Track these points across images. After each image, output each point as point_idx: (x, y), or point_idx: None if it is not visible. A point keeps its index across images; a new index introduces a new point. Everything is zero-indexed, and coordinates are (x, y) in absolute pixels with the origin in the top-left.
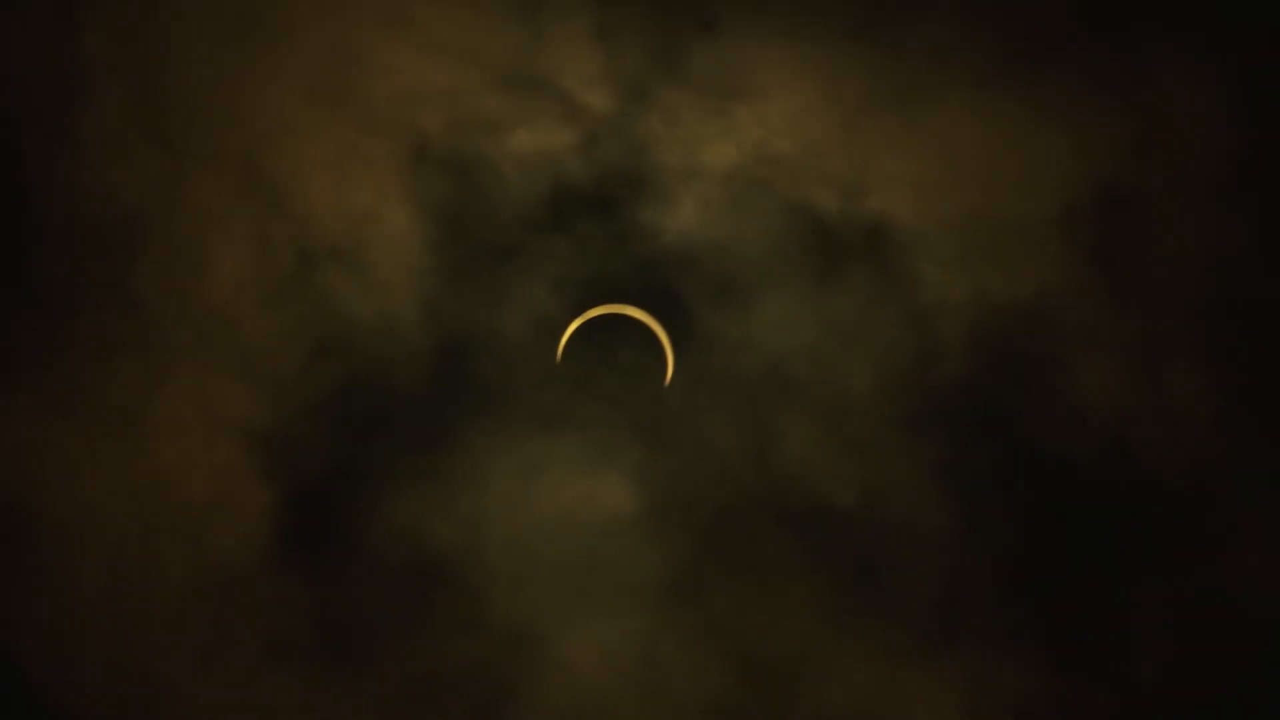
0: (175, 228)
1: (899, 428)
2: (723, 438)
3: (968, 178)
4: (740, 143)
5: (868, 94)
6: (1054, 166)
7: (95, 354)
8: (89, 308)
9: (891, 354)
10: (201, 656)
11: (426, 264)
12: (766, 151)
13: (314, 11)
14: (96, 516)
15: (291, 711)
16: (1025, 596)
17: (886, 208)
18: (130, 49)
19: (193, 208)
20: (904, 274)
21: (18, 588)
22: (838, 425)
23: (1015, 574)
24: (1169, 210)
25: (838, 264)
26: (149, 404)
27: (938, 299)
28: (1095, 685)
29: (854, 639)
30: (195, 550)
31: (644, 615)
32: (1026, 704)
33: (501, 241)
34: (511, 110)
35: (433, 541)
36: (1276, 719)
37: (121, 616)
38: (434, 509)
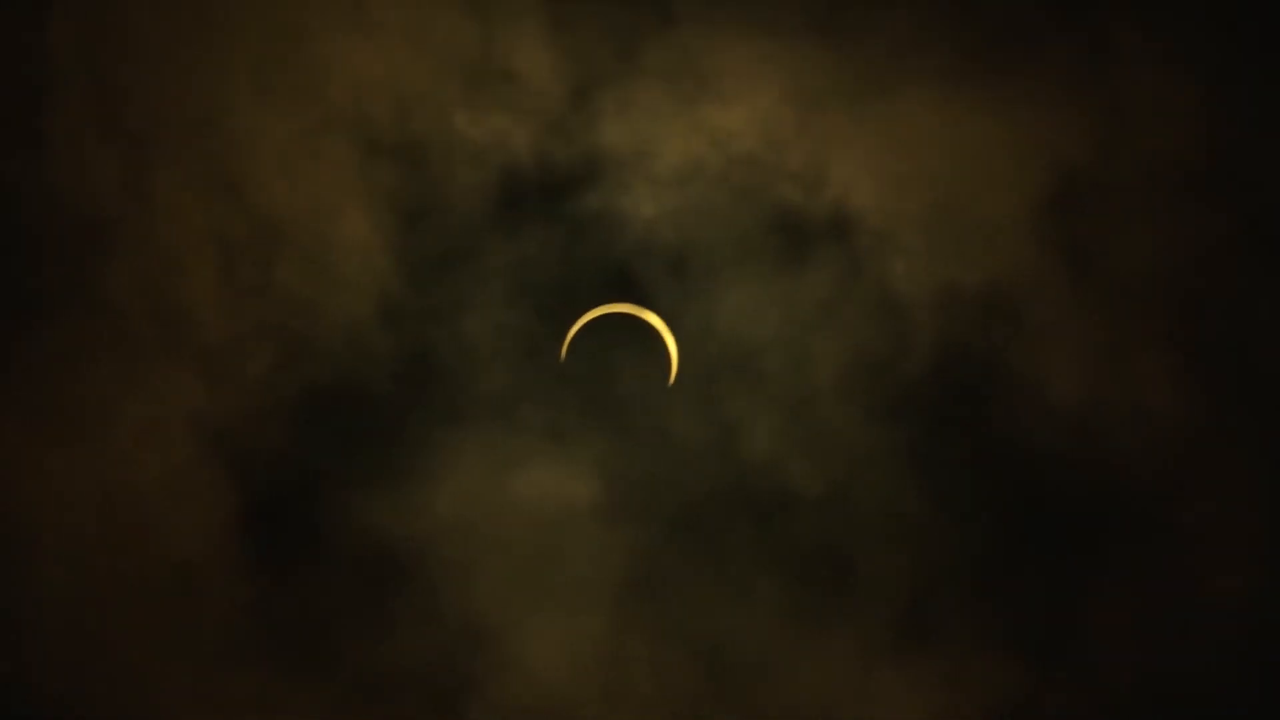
0: (140, 229)
1: (866, 419)
2: (689, 429)
3: (934, 170)
4: (703, 136)
5: (830, 86)
6: (1020, 159)
7: (59, 355)
8: (53, 308)
9: (858, 346)
10: (162, 653)
11: (388, 261)
12: (729, 144)
13: (274, 8)
14: (60, 516)
15: (252, 707)
16: (995, 591)
17: (851, 200)
18: (93, 48)
19: (158, 208)
20: (871, 266)
21: None
22: (805, 417)
23: (985, 568)
24: (1135, 203)
25: (803, 256)
26: (112, 403)
27: (905, 290)
28: (1064, 682)
29: (822, 634)
30: (156, 548)
31: (606, 611)
32: (997, 699)
33: (461, 235)
34: (472, 104)
35: (394, 538)
36: (1246, 715)
37: (83, 613)
38: (396, 506)
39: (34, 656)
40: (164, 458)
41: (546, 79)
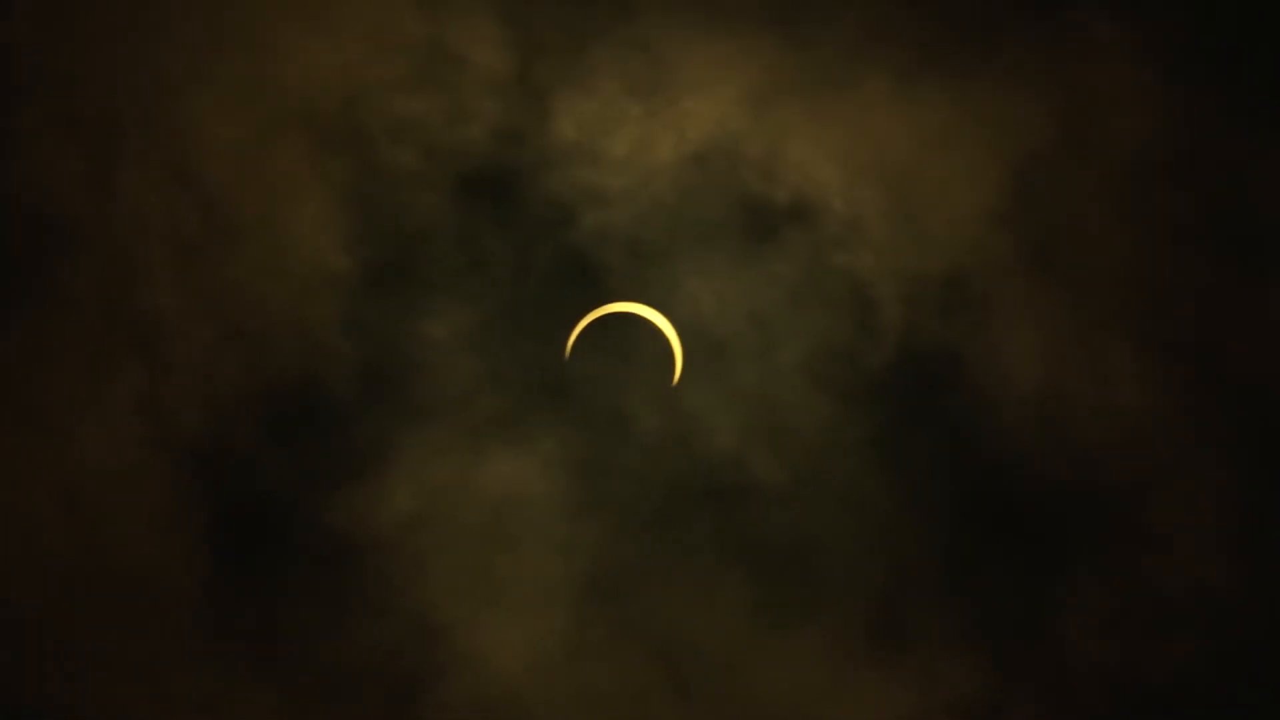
0: (103, 230)
1: (831, 411)
2: (652, 421)
3: (898, 160)
4: (662, 127)
5: (792, 77)
6: (985, 149)
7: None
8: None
9: (822, 337)
10: (118, 650)
11: (345, 257)
12: (689, 135)
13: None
14: (18, 512)
15: (208, 704)
16: (962, 588)
17: (814, 191)
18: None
19: (121, 210)
20: (834, 257)
21: None
22: (769, 408)
23: (952, 564)
24: (1100, 192)
25: (766, 247)
26: (70, 403)
27: (869, 281)
28: (1031, 682)
29: (787, 631)
30: (114, 545)
31: (568, 607)
32: (963, 700)
33: (418, 230)
34: (428, 97)
35: (352, 536)
36: (1217, 711)
37: (40, 609)
38: (354, 503)
39: None
40: (122, 456)
41: (502, 70)
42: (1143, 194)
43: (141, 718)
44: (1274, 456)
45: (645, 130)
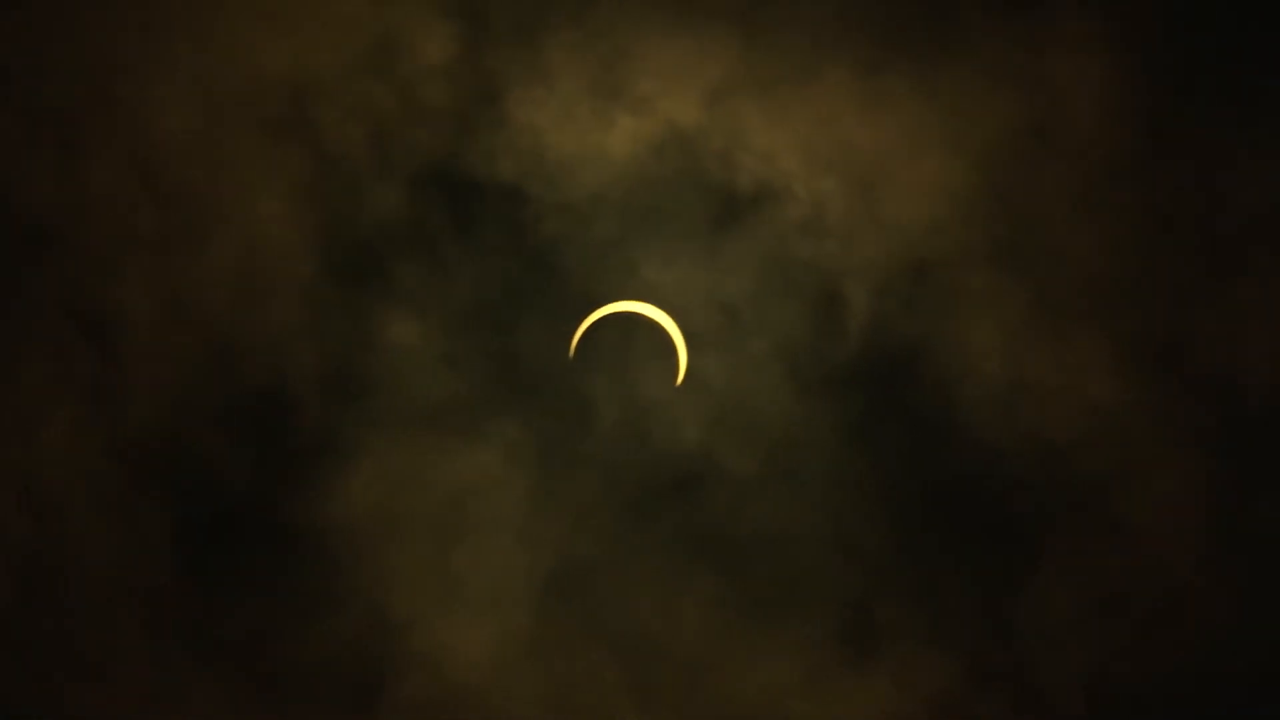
0: (75, 234)
1: (796, 403)
2: (614, 413)
3: (864, 151)
4: (622, 119)
5: (755, 67)
6: (952, 139)
7: None
8: None
9: (787, 329)
10: (73, 647)
11: (304, 255)
12: (650, 127)
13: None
14: None
15: (165, 700)
16: (930, 586)
17: (778, 181)
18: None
19: (91, 213)
20: (799, 248)
21: None
22: (733, 400)
23: (920, 561)
24: (1067, 184)
25: (730, 237)
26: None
27: (833, 272)
28: (1000, 681)
29: (753, 629)
30: (69, 544)
31: (527, 602)
32: (930, 699)
33: (379, 228)
34: (383, 90)
35: (309, 531)
36: (1190, 709)
37: None
38: (314, 502)
39: None
40: (84, 458)
41: (458, 62)
42: (1110, 185)
43: (98, 713)
44: (1245, 450)
45: (605, 122)
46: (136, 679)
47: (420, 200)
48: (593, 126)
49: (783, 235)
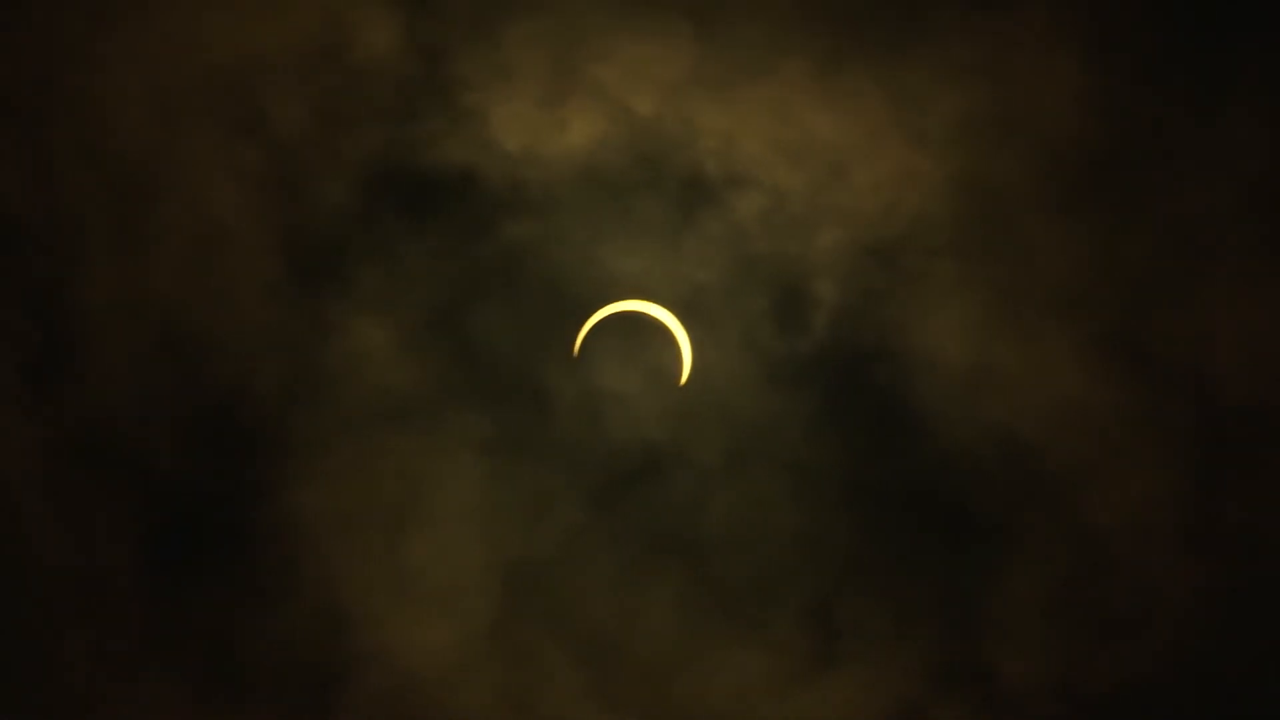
0: (30, 226)
1: (760, 394)
2: (577, 404)
3: (829, 143)
4: (579, 110)
5: (718, 57)
6: (917, 132)
7: None
8: None
9: (749, 321)
10: (15, 644)
11: (270, 258)
12: (607, 116)
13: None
14: None
15: (116, 698)
16: (897, 582)
17: (741, 170)
18: None
19: (44, 204)
20: (762, 237)
21: None
22: (698, 389)
23: (886, 561)
24: (1030, 175)
25: (692, 226)
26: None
27: (796, 260)
28: (967, 681)
29: (717, 629)
30: (19, 545)
31: (486, 598)
32: (894, 705)
33: (336, 226)
34: (333, 83)
35: (262, 527)
36: (1159, 715)
37: None
38: (270, 497)
39: None
40: (37, 454)
41: (413, 55)
42: (1077, 177)
43: (50, 711)
44: (1215, 447)
45: (563, 113)
46: (89, 676)
47: (376, 192)
48: (551, 118)
49: (745, 227)
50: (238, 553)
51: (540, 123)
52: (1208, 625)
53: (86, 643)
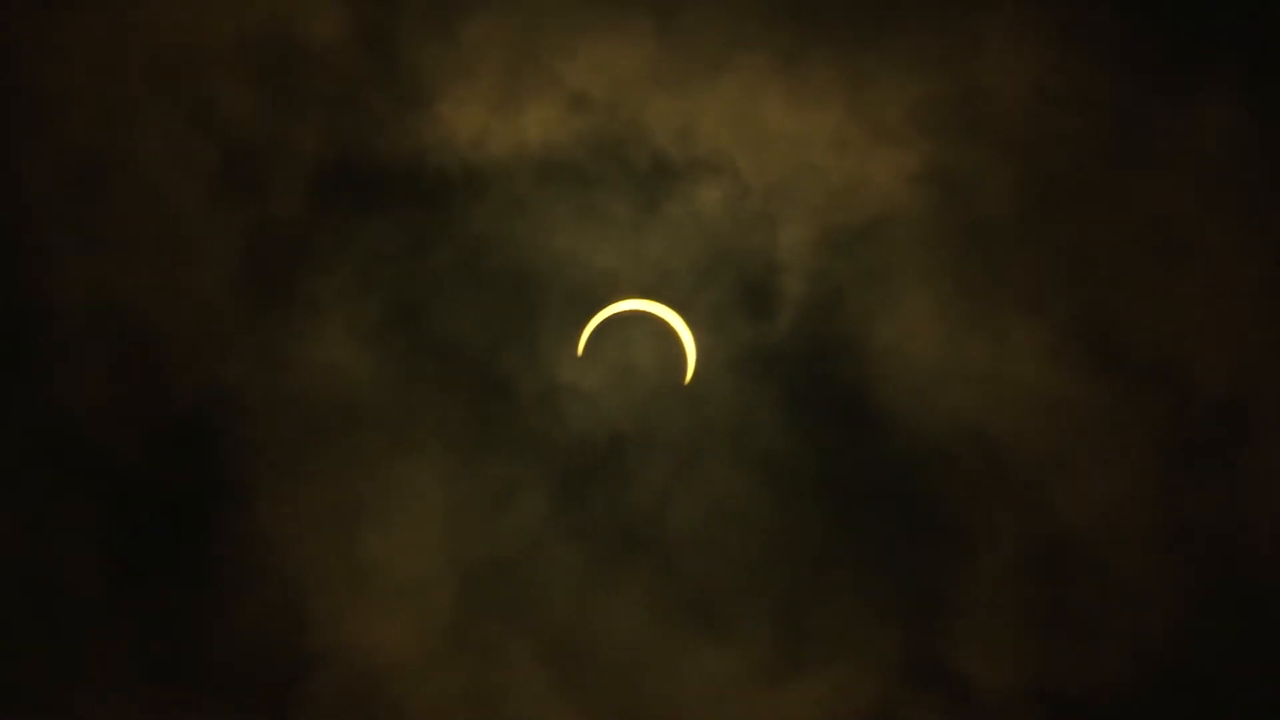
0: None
1: (729, 395)
2: (540, 397)
3: (796, 135)
4: (541, 102)
5: (682, 47)
6: (886, 123)
7: None
8: None
9: (718, 315)
10: None
11: (228, 259)
12: (575, 105)
13: None
14: None
15: (75, 699)
16: (867, 582)
17: (707, 160)
18: None
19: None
20: (729, 228)
21: None
22: (665, 388)
23: (857, 555)
24: (999, 169)
25: (659, 217)
26: None
27: (764, 250)
28: (933, 692)
29: (680, 628)
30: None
31: (448, 595)
32: (871, 701)
33: (297, 226)
34: (290, 79)
35: (228, 529)
36: (1131, 713)
37: None
38: (240, 506)
39: None
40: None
41: (372, 50)
42: (1045, 169)
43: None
44: (1188, 443)
45: (522, 104)
46: (46, 677)
47: (333, 189)
48: (510, 109)
49: (709, 221)
50: (198, 550)
51: (500, 113)
52: (1178, 621)
53: (45, 641)
